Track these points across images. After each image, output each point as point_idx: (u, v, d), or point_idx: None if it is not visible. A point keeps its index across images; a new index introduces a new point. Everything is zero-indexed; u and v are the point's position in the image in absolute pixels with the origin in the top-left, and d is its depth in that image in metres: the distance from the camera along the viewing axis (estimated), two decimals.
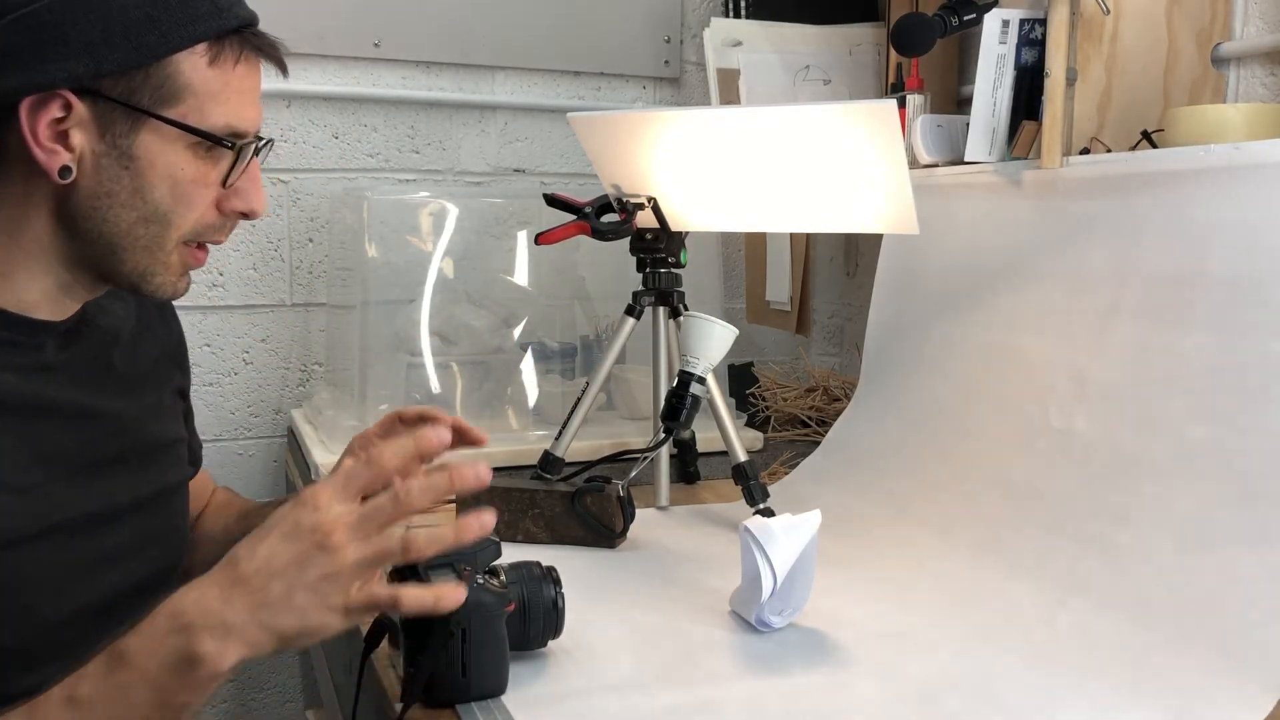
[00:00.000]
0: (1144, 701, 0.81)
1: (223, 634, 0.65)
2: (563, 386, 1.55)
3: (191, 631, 0.65)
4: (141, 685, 0.65)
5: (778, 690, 0.83)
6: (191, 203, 0.84)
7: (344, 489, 0.68)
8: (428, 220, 1.57)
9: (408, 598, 0.68)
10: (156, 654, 0.65)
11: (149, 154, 0.81)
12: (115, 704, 0.65)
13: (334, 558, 0.67)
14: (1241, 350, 0.94)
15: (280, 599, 0.66)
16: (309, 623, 0.67)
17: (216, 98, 0.82)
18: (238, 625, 0.66)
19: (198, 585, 0.68)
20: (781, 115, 1.16)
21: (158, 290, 0.86)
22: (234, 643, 0.66)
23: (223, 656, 0.65)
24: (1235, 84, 1.22)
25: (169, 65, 0.80)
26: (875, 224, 1.21)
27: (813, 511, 0.92)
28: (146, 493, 0.92)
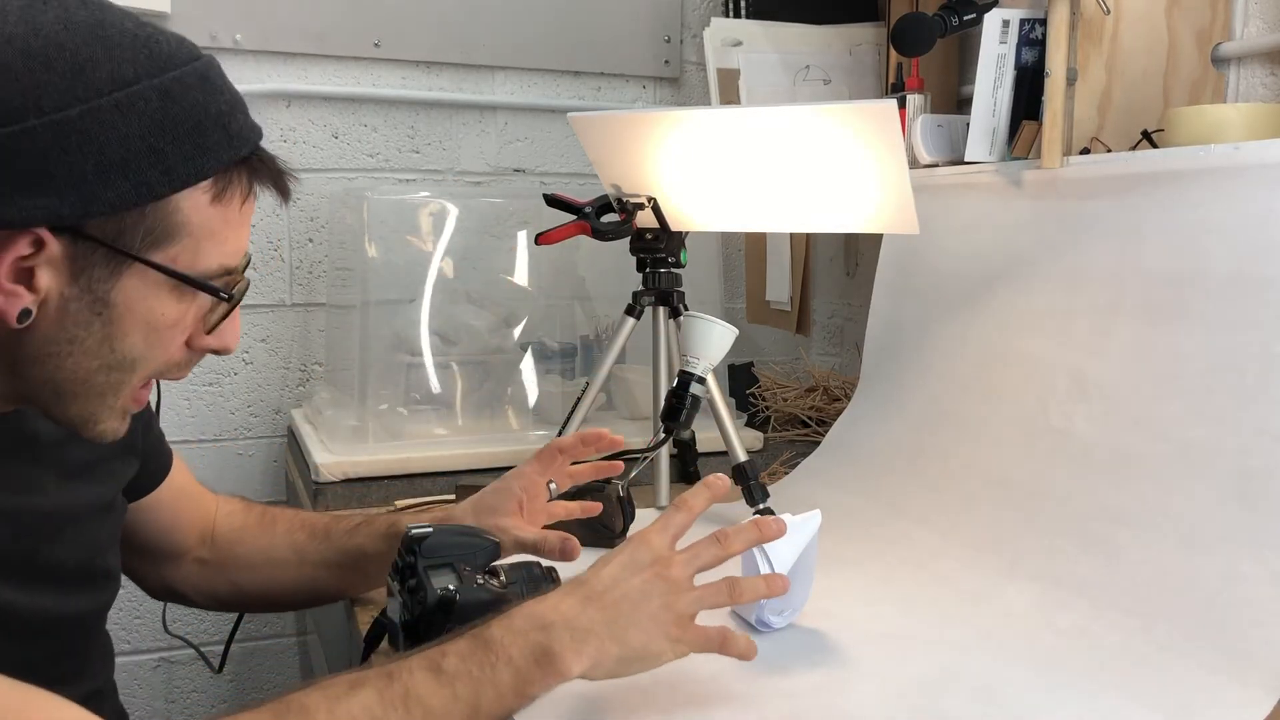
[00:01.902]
0: (1144, 701, 0.80)
1: (579, 637, 0.72)
2: (563, 386, 1.55)
3: (552, 630, 0.71)
4: (506, 668, 0.70)
5: (778, 690, 0.83)
6: (165, 347, 0.74)
7: (666, 532, 0.78)
8: (428, 220, 1.56)
9: (737, 644, 0.77)
10: (519, 644, 0.71)
11: (128, 300, 0.69)
12: (480, 681, 0.69)
13: (673, 586, 0.75)
14: (1241, 350, 0.94)
15: (629, 615, 0.74)
16: (651, 645, 0.74)
17: (215, 237, 0.72)
18: (592, 631, 0.72)
19: (553, 596, 0.74)
20: (781, 115, 1.16)
21: (99, 436, 0.75)
22: (587, 647, 0.72)
23: (577, 656, 0.71)
24: (1235, 84, 1.22)
25: (168, 204, 0.68)
26: (875, 224, 1.21)
27: (813, 511, 0.92)
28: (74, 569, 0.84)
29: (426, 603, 0.78)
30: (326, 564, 1.03)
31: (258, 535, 1.06)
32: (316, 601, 1.10)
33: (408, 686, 0.68)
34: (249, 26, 1.68)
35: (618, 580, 0.75)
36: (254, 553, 1.05)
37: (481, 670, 0.69)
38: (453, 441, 1.48)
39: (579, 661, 0.71)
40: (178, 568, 1.05)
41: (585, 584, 0.75)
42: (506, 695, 0.70)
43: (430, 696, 0.68)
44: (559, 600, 0.74)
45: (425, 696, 0.68)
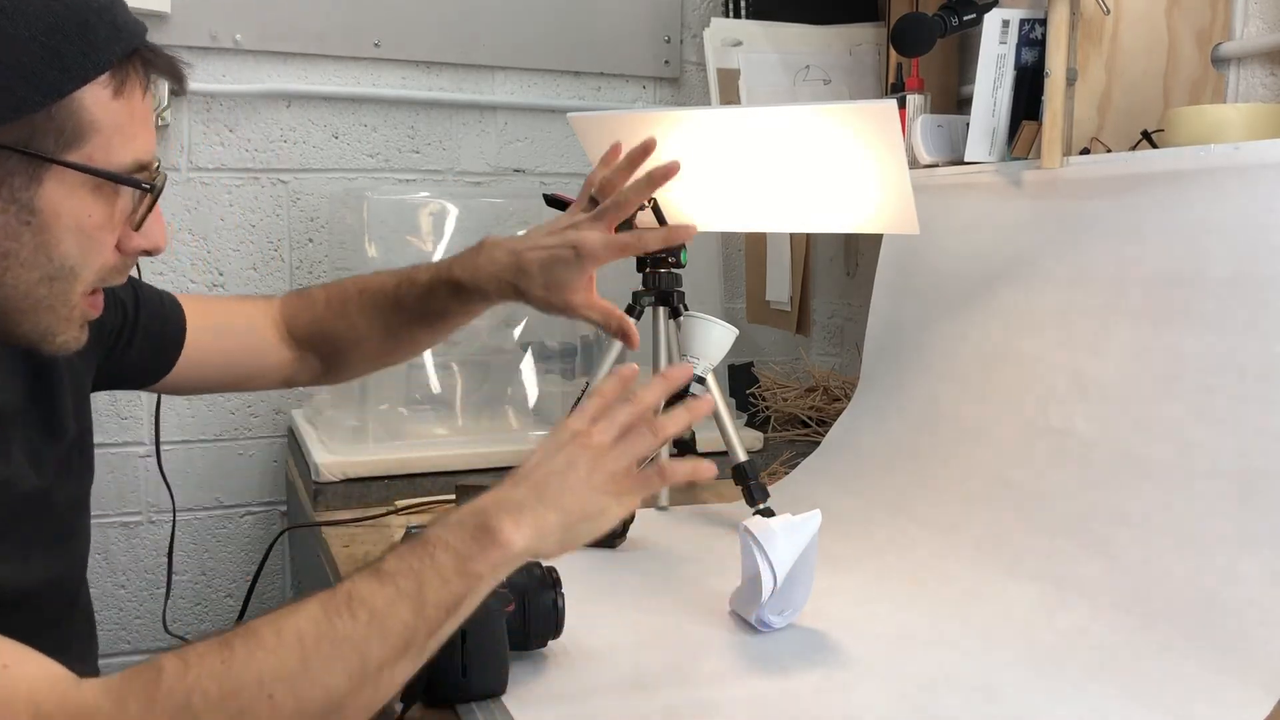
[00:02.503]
0: (1144, 701, 0.81)
1: (515, 511, 0.72)
2: (563, 386, 1.55)
3: (485, 511, 0.72)
4: (444, 553, 0.70)
5: (778, 690, 0.83)
6: (98, 250, 0.75)
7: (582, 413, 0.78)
8: (428, 220, 1.56)
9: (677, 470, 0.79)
10: (456, 532, 0.71)
11: (53, 205, 0.70)
12: (421, 571, 0.69)
13: (597, 450, 0.76)
14: (1241, 350, 0.94)
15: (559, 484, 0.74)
16: (590, 504, 0.75)
17: (123, 131, 0.72)
18: (527, 504, 0.73)
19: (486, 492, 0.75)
20: (781, 115, 1.16)
21: (61, 348, 0.77)
22: (524, 518, 0.72)
23: (516, 527, 0.71)
24: (1235, 84, 1.22)
25: (72, 103, 0.69)
26: (875, 224, 1.21)
27: (813, 511, 0.92)
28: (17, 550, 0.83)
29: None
30: (412, 327, 1.10)
31: (337, 322, 1.11)
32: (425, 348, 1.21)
33: (350, 592, 0.68)
34: (249, 26, 1.68)
35: (541, 461, 0.76)
36: (345, 338, 1.11)
37: (421, 561, 0.69)
38: (453, 441, 1.48)
39: (519, 532, 0.71)
40: (269, 375, 1.12)
41: (512, 473, 0.76)
42: (450, 578, 0.69)
43: (373, 597, 0.68)
44: (489, 492, 0.74)
45: (368, 597, 0.68)
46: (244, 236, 1.74)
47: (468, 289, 1.04)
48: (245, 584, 1.77)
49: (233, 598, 1.79)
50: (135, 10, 0.76)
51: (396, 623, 0.67)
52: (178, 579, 1.75)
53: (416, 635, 0.68)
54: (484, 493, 0.74)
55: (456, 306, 1.07)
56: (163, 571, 1.70)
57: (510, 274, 1.02)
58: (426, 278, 1.07)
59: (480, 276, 1.04)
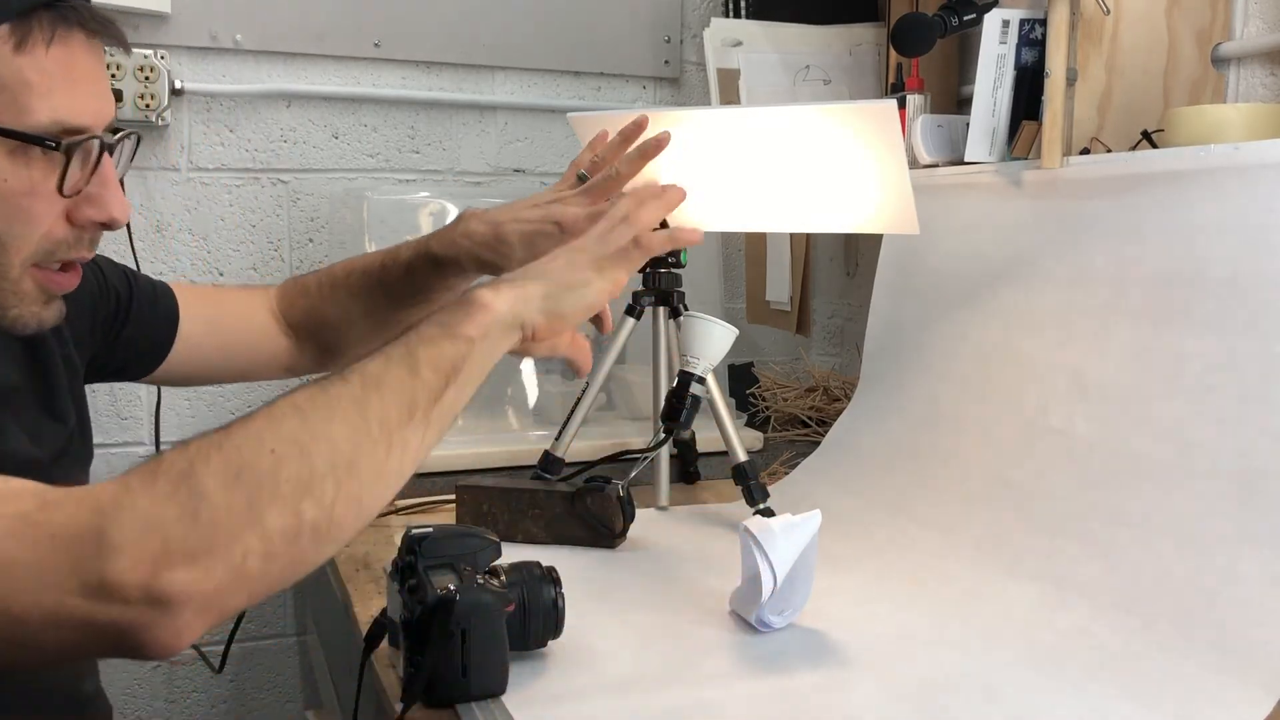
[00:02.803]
0: (1144, 701, 0.81)
1: (496, 284, 0.78)
2: (563, 386, 1.55)
3: (470, 291, 0.77)
4: (429, 325, 0.73)
5: (778, 690, 0.83)
6: (29, 218, 0.71)
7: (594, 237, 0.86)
8: (428, 220, 1.56)
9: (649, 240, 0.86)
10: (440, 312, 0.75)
11: None
12: (410, 340, 0.72)
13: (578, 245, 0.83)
14: (1241, 350, 0.94)
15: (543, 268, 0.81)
16: (572, 274, 0.81)
17: (34, 90, 0.68)
18: (509, 280, 0.78)
19: None
20: (781, 115, 1.16)
21: (16, 325, 0.74)
22: (504, 288, 0.77)
23: (496, 296, 0.76)
24: (1235, 84, 1.22)
25: None
26: (875, 224, 1.21)
27: (813, 511, 0.92)
28: None
29: (426, 602, 0.78)
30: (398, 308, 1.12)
31: (330, 308, 1.14)
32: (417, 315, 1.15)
33: (345, 370, 0.70)
34: (249, 26, 1.68)
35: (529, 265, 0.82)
36: (337, 321, 1.14)
37: (407, 337, 0.72)
38: (453, 441, 1.47)
39: (499, 297, 0.76)
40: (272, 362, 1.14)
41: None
42: (438, 339, 0.72)
43: (364, 365, 0.70)
44: None
45: (359, 367, 0.70)
46: (244, 236, 1.74)
47: (444, 262, 1.06)
48: None
49: None
50: (135, 10, 0.75)
51: (392, 380, 0.69)
52: None
53: (417, 396, 0.70)
54: None
55: (436, 282, 1.09)
56: None
57: (487, 247, 1.04)
58: (408, 255, 1.09)
59: (457, 250, 1.05)
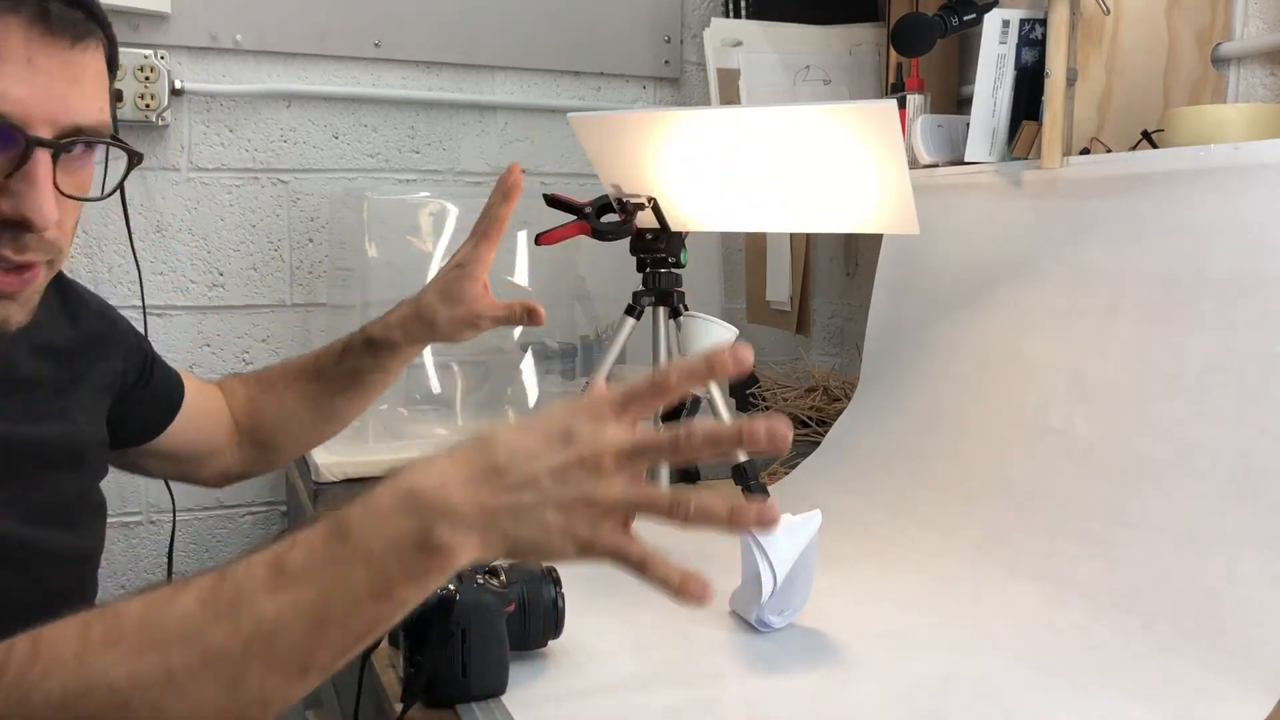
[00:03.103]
0: (1144, 701, 0.81)
1: (463, 528, 0.57)
2: (563, 386, 1.55)
3: (427, 517, 0.56)
4: (362, 566, 0.56)
5: (778, 690, 0.83)
6: None
7: (626, 406, 0.60)
8: (428, 220, 1.56)
9: (657, 566, 0.60)
10: (384, 533, 0.56)
11: None
12: (327, 582, 0.56)
13: (598, 485, 0.58)
14: (1241, 350, 0.94)
15: (530, 508, 0.58)
16: (549, 544, 0.59)
17: None
18: (478, 522, 0.57)
19: (438, 465, 0.59)
20: (781, 115, 1.16)
21: None
22: (472, 539, 0.57)
23: (459, 551, 0.57)
24: (1235, 84, 1.22)
25: None
26: (875, 224, 1.21)
27: (813, 511, 0.92)
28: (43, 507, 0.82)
29: (426, 602, 0.77)
30: (333, 396, 1.11)
31: (267, 400, 1.13)
32: (345, 423, 1.16)
33: (240, 588, 0.56)
34: (249, 26, 1.68)
35: (532, 458, 0.58)
36: (274, 417, 1.12)
37: (332, 568, 0.56)
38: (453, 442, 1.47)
39: (460, 554, 0.57)
40: (223, 460, 1.12)
41: (492, 450, 0.59)
42: (363, 600, 0.56)
43: (265, 601, 0.56)
44: (447, 472, 0.58)
45: (260, 600, 0.56)
46: (244, 236, 1.74)
47: (378, 341, 1.08)
48: None
49: None
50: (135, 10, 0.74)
51: (287, 643, 0.56)
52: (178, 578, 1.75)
53: (315, 658, 0.57)
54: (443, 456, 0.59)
55: (370, 362, 1.09)
56: (163, 572, 1.70)
57: (415, 315, 1.07)
58: (343, 342, 1.11)
59: (389, 327, 1.08)
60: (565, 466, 0.58)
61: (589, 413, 0.59)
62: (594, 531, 0.59)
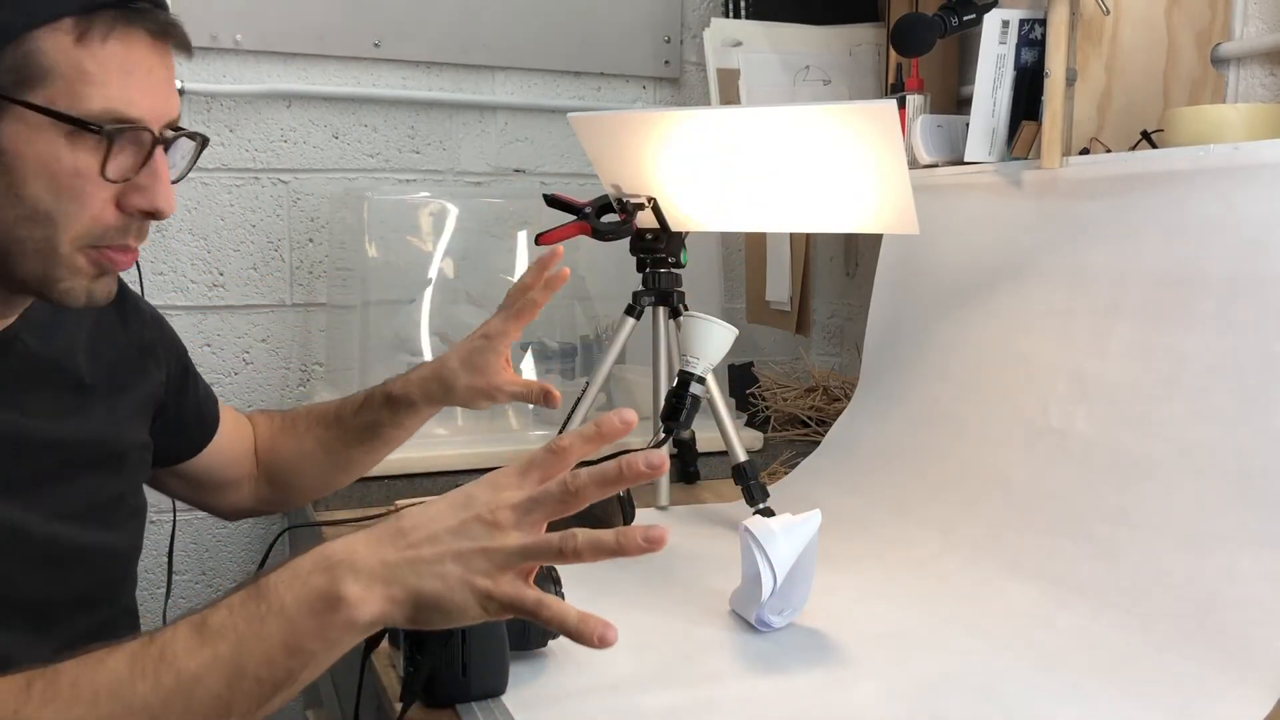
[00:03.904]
0: (1144, 701, 0.81)
1: (366, 580, 0.62)
2: (563, 386, 1.55)
3: (335, 571, 0.62)
4: (275, 619, 0.62)
5: (778, 690, 0.83)
6: (79, 199, 0.74)
7: (524, 474, 0.66)
8: (428, 220, 1.56)
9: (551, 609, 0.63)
10: (296, 589, 0.62)
11: (15, 145, 0.72)
12: (245, 636, 0.62)
13: (494, 535, 0.63)
14: (1241, 350, 0.94)
15: (430, 560, 0.63)
16: (450, 597, 0.63)
17: (89, 79, 0.73)
18: (381, 575, 0.62)
19: (352, 535, 0.65)
20: (781, 115, 1.16)
21: (66, 297, 0.78)
22: (375, 592, 0.62)
23: (362, 604, 0.62)
24: (1235, 84, 1.22)
25: (27, 43, 0.71)
26: (875, 224, 1.21)
27: (813, 511, 0.92)
28: (83, 509, 0.86)
29: None
30: (349, 445, 1.13)
31: (287, 440, 1.15)
32: (358, 474, 1.19)
33: (164, 647, 0.62)
34: (249, 26, 1.68)
35: (433, 519, 0.64)
36: (290, 457, 1.14)
37: (248, 624, 0.62)
38: (453, 441, 1.48)
39: (364, 608, 0.62)
40: (240, 492, 1.14)
41: (399, 519, 0.66)
42: (275, 653, 0.61)
43: (187, 658, 0.61)
44: (356, 537, 0.65)
45: (181, 657, 0.61)
46: (244, 236, 1.74)
47: (397, 398, 1.10)
48: None
49: None
50: None
51: (205, 695, 0.61)
52: (178, 579, 1.75)
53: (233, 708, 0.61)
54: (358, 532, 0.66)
55: (387, 417, 1.11)
56: (163, 572, 1.70)
57: (435, 377, 1.09)
58: (364, 394, 1.13)
59: (410, 386, 1.10)
60: (464, 523, 0.64)
61: (488, 482, 0.66)
62: (493, 581, 0.63)
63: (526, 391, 1.09)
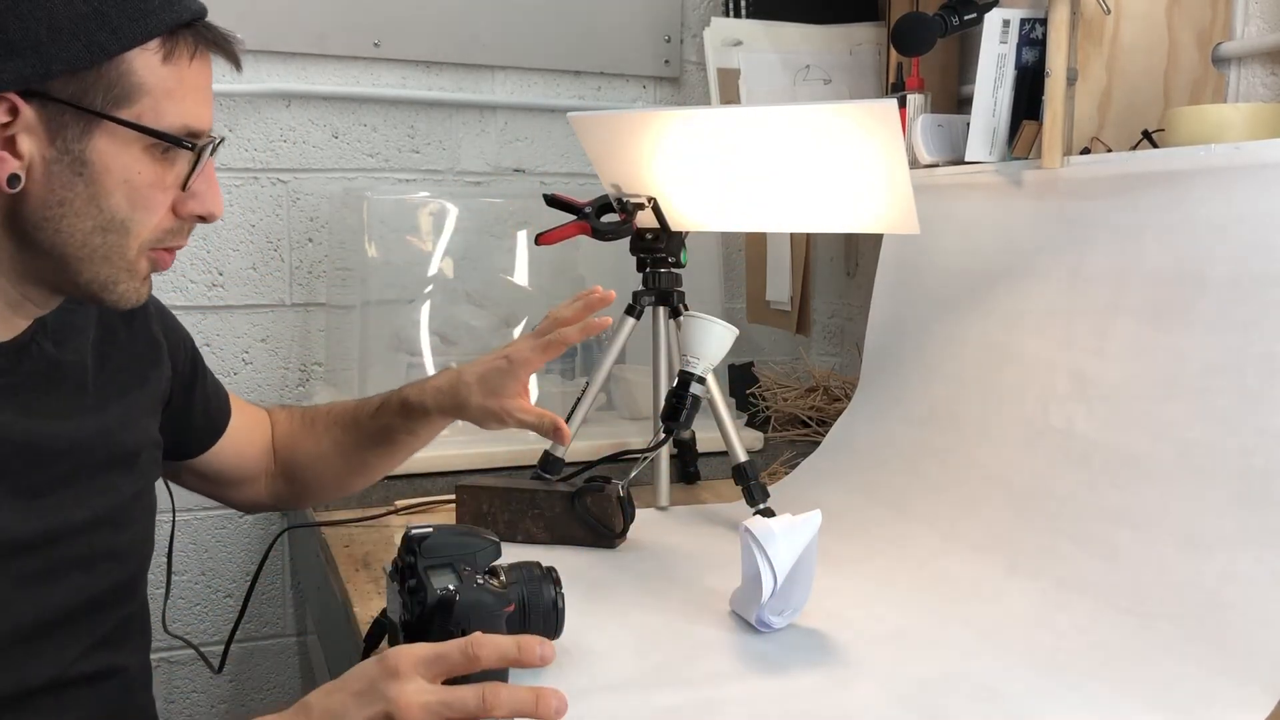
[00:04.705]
0: (1144, 701, 0.80)
1: None
2: (563, 386, 1.55)
3: None
4: None
5: (778, 690, 0.83)
6: (150, 207, 0.80)
7: (431, 664, 0.67)
8: (428, 220, 1.56)
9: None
10: None
11: (103, 159, 0.76)
12: None
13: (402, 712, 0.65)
14: (1241, 350, 0.94)
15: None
16: None
17: (172, 96, 0.78)
18: None
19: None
20: (781, 115, 1.16)
21: (121, 299, 0.82)
22: None
23: None
24: (1236, 84, 1.22)
25: (121, 63, 0.75)
26: (875, 224, 1.21)
27: (813, 511, 0.92)
28: (101, 510, 0.87)
29: (426, 603, 0.78)
30: (364, 448, 1.14)
31: (305, 438, 1.15)
32: (374, 477, 1.19)
33: None
34: (249, 26, 1.67)
35: (341, 714, 0.66)
36: (307, 456, 1.15)
37: None
38: (453, 441, 1.47)
39: None
40: (256, 487, 1.15)
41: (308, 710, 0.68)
42: None
43: None
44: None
45: None
46: (244, 236, 1.74)
47: (412, 404, 1.11)
48: (245, 584, 1.77)
49: (233, 598, 1.79)
50: None
51: None
52: (178, 579, 1.75)
53: None
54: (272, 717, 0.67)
55: (400, 423, 1.12)
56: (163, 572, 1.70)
57: (450, 389, 1.09)
58: (381, 398, 1.14)
59: (425, 393, 1.10)
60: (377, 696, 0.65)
61: (391, 670, 0.66)
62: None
63: (538, 423, 1.08)
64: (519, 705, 0.66)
